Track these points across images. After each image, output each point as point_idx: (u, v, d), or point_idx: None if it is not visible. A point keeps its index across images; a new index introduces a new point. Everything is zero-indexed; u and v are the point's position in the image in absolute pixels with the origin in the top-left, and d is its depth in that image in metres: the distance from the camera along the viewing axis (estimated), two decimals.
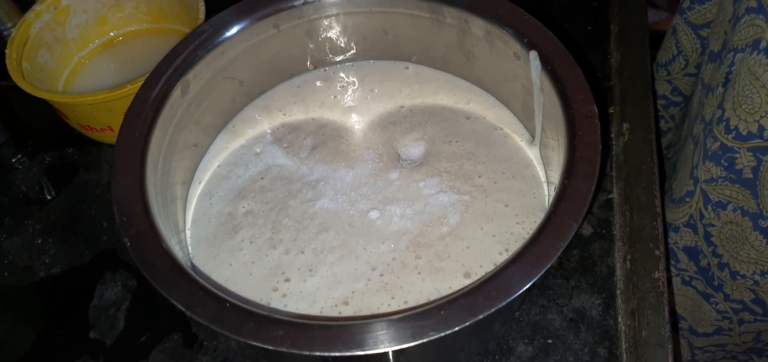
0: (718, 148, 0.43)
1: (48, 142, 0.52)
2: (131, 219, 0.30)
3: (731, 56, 0.43)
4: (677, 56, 0.56)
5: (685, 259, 0.51)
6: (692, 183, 0.47)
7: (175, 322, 0.39)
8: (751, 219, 0.44)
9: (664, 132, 0.64)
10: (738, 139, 0.42)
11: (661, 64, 0.59)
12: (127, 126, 0.34)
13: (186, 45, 0.37)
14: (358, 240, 0.35)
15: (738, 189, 0.43)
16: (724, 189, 0.44)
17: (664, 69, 0.59)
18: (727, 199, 0.44)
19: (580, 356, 0.36)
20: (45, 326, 0.41)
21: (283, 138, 0.42)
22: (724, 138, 0.42)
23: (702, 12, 0.52)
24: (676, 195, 0.50)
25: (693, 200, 0.47)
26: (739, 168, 0.42)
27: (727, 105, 0.42)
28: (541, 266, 0.27)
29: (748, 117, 0.40)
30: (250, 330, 0.26)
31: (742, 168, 0.42)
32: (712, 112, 0.45)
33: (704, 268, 0.50)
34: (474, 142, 0.40)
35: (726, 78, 0.43)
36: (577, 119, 0.31)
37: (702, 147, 0.45)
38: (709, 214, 0.46)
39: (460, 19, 0.39)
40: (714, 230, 0.46)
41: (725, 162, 0.43)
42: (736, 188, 0.43)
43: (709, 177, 0.45)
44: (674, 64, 0.57)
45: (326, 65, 0.45)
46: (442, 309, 0.26)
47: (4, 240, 0.45)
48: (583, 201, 0.28)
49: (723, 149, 0.43)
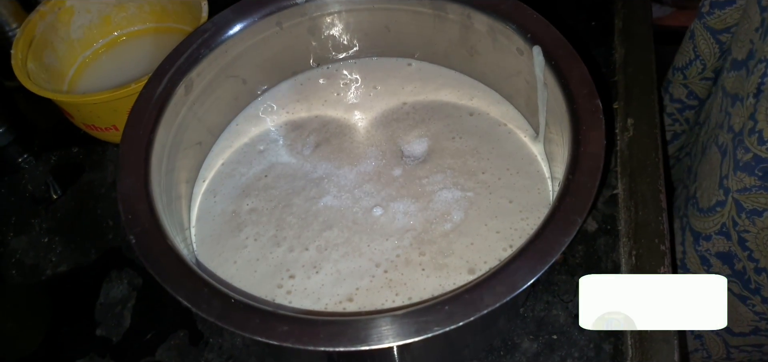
0: (750, 159, 0.43)
1: (53, 141, 0.52)
2: (136, 217, 0.30)
3: (763, 67, 0.43)
4: (694, 61, 0.56)
5: (718, 264, 0.51)
6: (722, 193, 0.47)
7: (180, 319, 0.40)
8: None
9: (678, 134, 0.64)
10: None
11: (677, 68, 0.59)
12: (132, 125, 0.34)
13: (189, 44, 0.37)
14: (362, 237, 0.35)
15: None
16: (760, 197, 0.44)
17: (681, 73, 0.58)
18: (762, 207, 0.44)
19: (585, 352, 0.36)
20: (52, 324, 0.41)
21: (287, 135, 0.42)
22: (758, 149, 0.42)
23: (722, 17, 0.51)
24: (703, 205, 0.50)
25: (725, 209, 0.47)
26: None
27: (760, 117, 0.42)
28: (545, 262, 0.27)
29: None
30: (256, 326, 0.26)
31: None
32: (743, 122, 0.45)
33: (739, 272, 0.49)
34: (477, 138, 0.40)
35: (758, 89, 0.43)
36: (581, 114, 0.31)
37: (731, 157, 0.46)
38: (744, 222, 0.46)
39: (462, 14, 0.39)
40: (749, 236, 0.46)
41: (759, 172, 0.43)
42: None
43: (742, 187, 0.45)
44: (691, 68, 0.57)
45: (329, 62, 0.45)
46: (447, 304, 0.26)
47: (11, 239, 0.46)
48: (588, 196, 0.28)
49: (756, 160, 0.43)
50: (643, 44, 0.50)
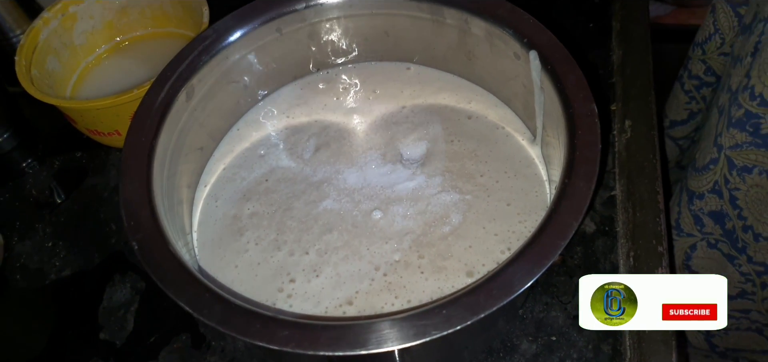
0: (742, 115, 0.44)
1: (57, 146, 0.53)
2: (139, 223, 0.31)
3: (761, 27, 0.43)
4: (714, 35, 0.56)
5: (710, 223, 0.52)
6: (716, 151, 0.48)
7: (183, 323, 0.40)
8: None
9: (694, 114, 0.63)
10: (762, 105, 0.42)
11: (697, 43, 0.59)
12: (134, 131, 0.34)
13: (190, 50, 0.38)
14: (362, 240, 0.36)
15: (764, 153, 0.44)
16: (750, 153, 0.45)
17: (700, 48, 0.58)
18: (752, 163, 0.45)
19: (584, 353, 0.36)
20: (56, 328, 0.41)
21: (287, 139, 0.42)
22: (749, 104, 0.43)
23: None
24: (699, 164, 0.50)
25: (717, 167, 0.48)
26: (764, 132, 0.43)
27: (753, 73, 0.43)
28: (542, 265, 0.27)
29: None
30: (256, 330, 0.26)
31: (767, 132, 0.43)
32: (740, 81, 0.45)
33: (729, 231, 0.50)
34: (476, 141, 0.40)
35: (755, 48, 0.44)
36: (577, 118, 0.31)
37: (726, 115, 0.46)
38: (735, 179, 0.46)
39: (460, 19, 0.39)
40: (739, 194, 0.47)
41: (750, 127, 0.44)
42: (762, 152, 0.44)
43: (734, 143, 0.45)
44: (710, 43, 0.56)
45: (329, 67, 0.45)
46: (444, 308, 0.26)
47: (15, 244, 0.46)
48: (584, 199, 0.29)
49: (747, 115, 0.43)
50: (640, 46, 0.50)
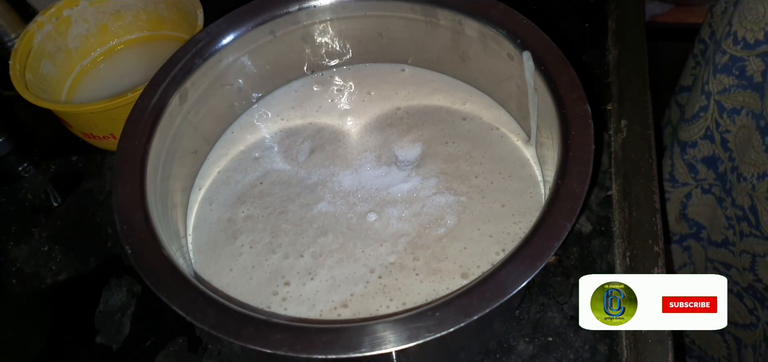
0: (727, 60, 0.46)
1: (52, 150, 0.53)
2: (132, 227, 0.31)
3: None
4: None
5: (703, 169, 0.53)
6: (705, 98, 0.49)
7: (179, 326, 0.40)
8: (755, 120, 0.46)
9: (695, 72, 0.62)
10: (746, 48, 0.44)
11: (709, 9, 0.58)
12: (127, 136, 0.34)
13: (183, 54, 0.38)
14: (357, 242, 0.36)
15: (750, 94, 0.46)
16: (738, 96, 0.46)
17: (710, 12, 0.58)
18: (740, 105, 0.46)
19: (580, 354, 0.36)
20: (52, 332, 0.41)
21: (282, 142, 0.42)
22: (733, 49, 0.45)
23: None
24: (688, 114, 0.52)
25: (707, 113, 0.49)
26: (749, 74, 0.45)
27: (735, 20, 0.45)
28: (535, 267, 0.27)
29: (753, 26, 0.44)
30: (250, 334, 0.26)
31: (752, 73, 0.45)
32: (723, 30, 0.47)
33: (721, 174, 0.51)
34: (470, 142, 0.40)
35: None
36: (570, 119, 0.31)
37: (711, 63, 0.48)
38: (725, 121, 0.48)
39: (453, 21, 0.39)
40: (730, 136, 0.49)
41: (736, 71, 0.45)
42: (749, 93, 0.46)
43: (722, 88, 0.47)
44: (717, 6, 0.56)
45: (323, 69, 0.45)
46: (438, 310, 0.26)
47: (11, 248, 0.46)
48: (577, 201, 0.29)
49: (733, 60, 0.45)
50: (636, 45, 0.50)
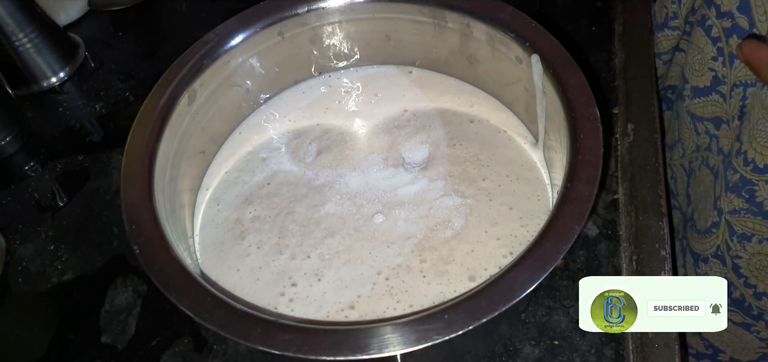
0: (738, 180, 0.44)
1: (59, 149, 0.53)
2: (140, 227, 0.31)
3: (741, 90, 0.43)
4: None
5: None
6: (717, 215, 0.47)
7: (185, 326, 0.40)
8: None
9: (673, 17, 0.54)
10: (756, 171, 0.42)
11: None
12: (136, 135, 0.34)
13: (192, 54, 0.38)
14: (364, 244, 0.36)
15: (760, 222, 0.44)
16: (748, 221, 0.44)
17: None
18: (751, 232, 0.44)
19: (586, 357, 0.36)
20: (58, 331, 0.41)
21: (289, 143, 0.42)
22: (743, 170, 0.43)
23: None
24: (700, 226, 0.50)
25: (719, 231, 0.47)
26: (759, 201, 0.43)
27: (744, 138, 0.43)
28: (544, 269, 0.27)
29: (763, 149, 0.41)
30: (257, 335, 0.26)
31: (762, 201, 0.43)
32: (731, 143, 0.45)
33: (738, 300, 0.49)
34: (478, 144, 0.40)
35: (740, 111, 0.43)
36: (578, 122, 0.31)
37: (723, 178, 0.46)
38: (736, 246, 0.46)
39: (462, 23, 0.39)
40: (742, 262, 0.46)
41: (746, 194, 0.43)
42: (758, 220, 0.44)
43: (732, 208, 0.45)
44: None
45: (330, 71, 0.45)
46: (446, 312, 0.26)
47: (18, 247, 0.46)
48: (586, 204, 0.28)
49: (743, 181, 0.43)
50: (643, 49, 0.50)
